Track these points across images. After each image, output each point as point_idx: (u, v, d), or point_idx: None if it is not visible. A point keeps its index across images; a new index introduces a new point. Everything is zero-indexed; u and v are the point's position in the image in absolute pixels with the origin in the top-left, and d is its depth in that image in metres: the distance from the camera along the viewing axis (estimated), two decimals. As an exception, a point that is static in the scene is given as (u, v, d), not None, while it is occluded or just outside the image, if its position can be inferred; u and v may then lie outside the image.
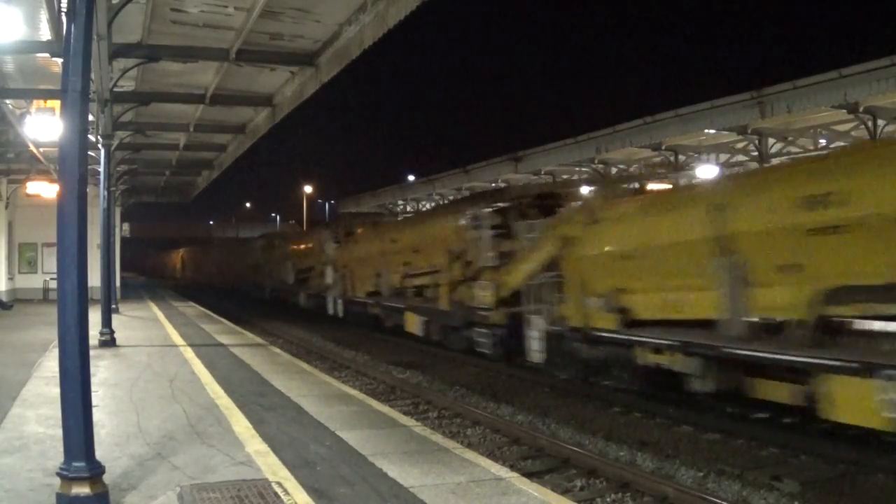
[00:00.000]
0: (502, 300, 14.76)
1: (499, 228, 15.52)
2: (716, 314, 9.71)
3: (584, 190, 16.28)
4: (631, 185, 15.39)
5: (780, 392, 9.00)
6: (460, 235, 16.84)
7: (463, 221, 16.82)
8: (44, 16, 10.74)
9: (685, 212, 10.41)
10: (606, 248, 11.76)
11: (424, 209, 38.56)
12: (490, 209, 15.88)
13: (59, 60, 8.41)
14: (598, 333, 11.72)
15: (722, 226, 9.38)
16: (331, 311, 26.65)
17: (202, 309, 28.43)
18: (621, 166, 26.88)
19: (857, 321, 8.33)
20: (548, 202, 15.06)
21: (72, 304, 5.10)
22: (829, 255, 8.10)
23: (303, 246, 32.89)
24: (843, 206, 7.88)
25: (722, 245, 9.40)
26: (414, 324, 19.36)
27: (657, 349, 10.62)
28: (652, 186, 15.27)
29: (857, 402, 7.80)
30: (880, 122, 18.07)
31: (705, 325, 9.93)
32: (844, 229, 7.88)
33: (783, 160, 20.72)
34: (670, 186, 15.52)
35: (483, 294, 15.37)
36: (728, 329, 9.50)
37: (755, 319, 9.24)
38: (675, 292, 10.53)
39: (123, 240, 38.22)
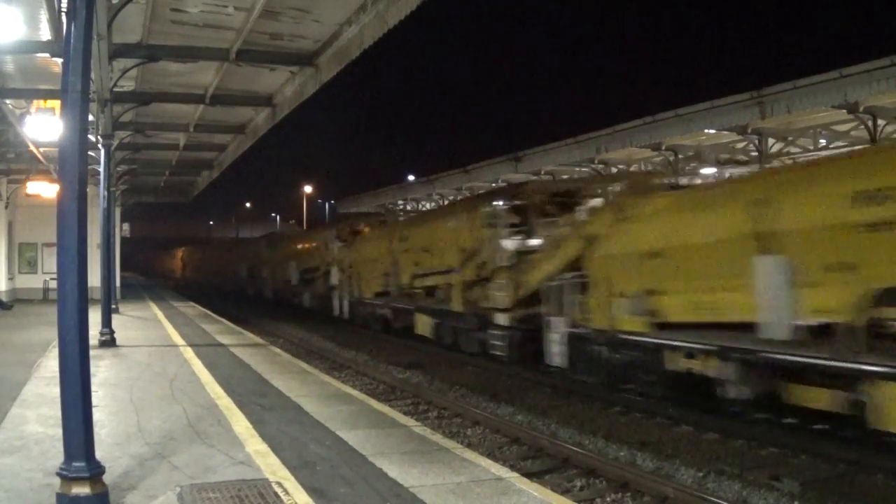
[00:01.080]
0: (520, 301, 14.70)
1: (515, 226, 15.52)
2: (756, 316, 9.23)
3: (609, 186, 14.88)
4: (660, 181, 14.54)
5: (822, 399, 8.55)
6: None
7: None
8: (44, 16, 10.74)
9: (722, 209, 10.00)
10: (635, 247, 11.31)
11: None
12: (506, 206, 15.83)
13: (59, 60, 8.40)
14: (625, 336, 11.41)
15: (763, 222, 9.08)
16: None
17: (202, 309, 28.44)
18: (621, 166, 26.89)
19: None
20: (566, 199, 14.87)
21: (72, 304, 5.10)
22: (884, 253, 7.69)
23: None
24: None
25: (762, 243, 9.09)
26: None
27: (690, 354, 10.21)
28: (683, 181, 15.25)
29: None
30: (880, 122, 18.07)
31: (742, 327, 9.49)
32: None
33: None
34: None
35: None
36: (770, 332, 9.05)
37: (800, 322, 8.79)
38: (709, 293, 10.07)
39: (123, 240, 38.21)
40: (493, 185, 32.60)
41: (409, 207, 42.37)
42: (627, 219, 11.63)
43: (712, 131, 20.58)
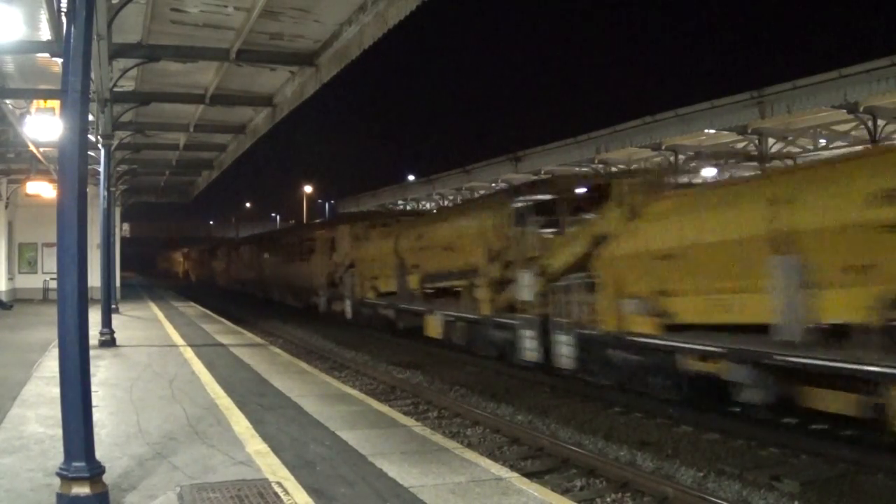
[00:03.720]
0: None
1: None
2: (770, 318, 8.95)
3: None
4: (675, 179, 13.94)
5: (844, 404, 8.23)
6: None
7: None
8: (44, 16, 10.73)
9: (740, 207, 9.58)
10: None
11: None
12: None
13: (59, 60, 8.40)
14: (633, 339, 11.05)
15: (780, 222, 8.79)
16: None
17: (202, 309, 28.43)
18: (621, 166, 26.90)
19: None
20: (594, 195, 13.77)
21: (72, 304, 5.10)
22: None
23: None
24: None
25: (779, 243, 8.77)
26: None
27: (703, 356, 9.94)
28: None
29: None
30: (880, 122, 18.08)
31: (757, 329, 9.22)
32: None
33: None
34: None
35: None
36: (784, 334, 8.76)
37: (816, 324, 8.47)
38: (723, 294, 9.80)
39: (123, 239, 38.20)
40: (493, 184, 32.65)
41: (408, 208, 42.34)
42: (639, 217, 11.39)
43: (712, 131, 20.62)
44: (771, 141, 21.09)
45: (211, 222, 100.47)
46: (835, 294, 8.24)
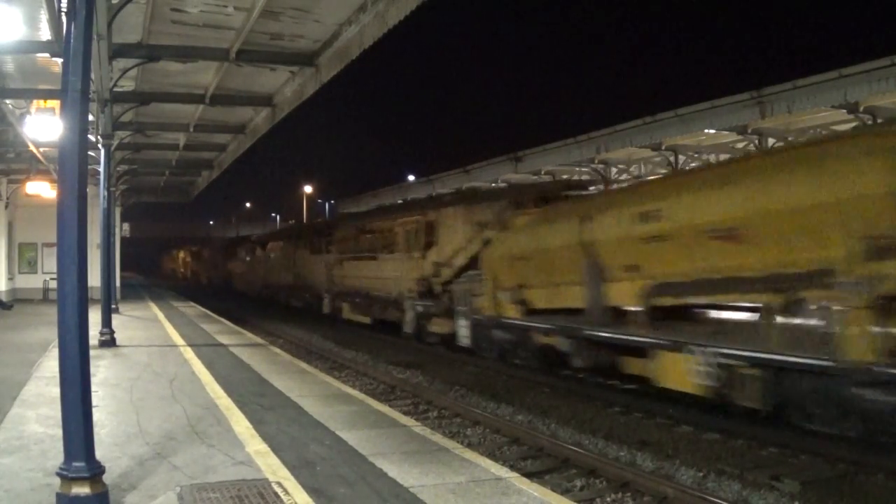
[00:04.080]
0: None
1: None
2: (581, 303, 12.36)
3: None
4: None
5: (634, 366, 11.31)
6: None
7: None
8: (44, 16, 10.74)
9: (563, 222, 13.17)
10: (511, 251, 14.88)
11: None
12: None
13: (59, 60, 8.41)
14: (507, 321, 14.96)
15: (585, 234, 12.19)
16: None
17: (202, 309, 28.44)
18: (621, 166, 26.91)
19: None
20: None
21: (72, 304, 5.10)
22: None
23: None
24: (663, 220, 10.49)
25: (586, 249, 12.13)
26: None
27: (546, 332, 13.41)
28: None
29: (675, 371, 10.25)
30: (880, 122, 18.06)
31: (577, 312, 12.54)
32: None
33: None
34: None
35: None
36: (589, 315, 12.19)
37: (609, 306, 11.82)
38: (556, 287, 13.37)
39: (123, 240, 38.19)
40: (493, 184, 32.53)
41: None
42: None
43: (712, 131, 20.60)
44: (771, 141, 21.08)
45: (211, 222, 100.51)
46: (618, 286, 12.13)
